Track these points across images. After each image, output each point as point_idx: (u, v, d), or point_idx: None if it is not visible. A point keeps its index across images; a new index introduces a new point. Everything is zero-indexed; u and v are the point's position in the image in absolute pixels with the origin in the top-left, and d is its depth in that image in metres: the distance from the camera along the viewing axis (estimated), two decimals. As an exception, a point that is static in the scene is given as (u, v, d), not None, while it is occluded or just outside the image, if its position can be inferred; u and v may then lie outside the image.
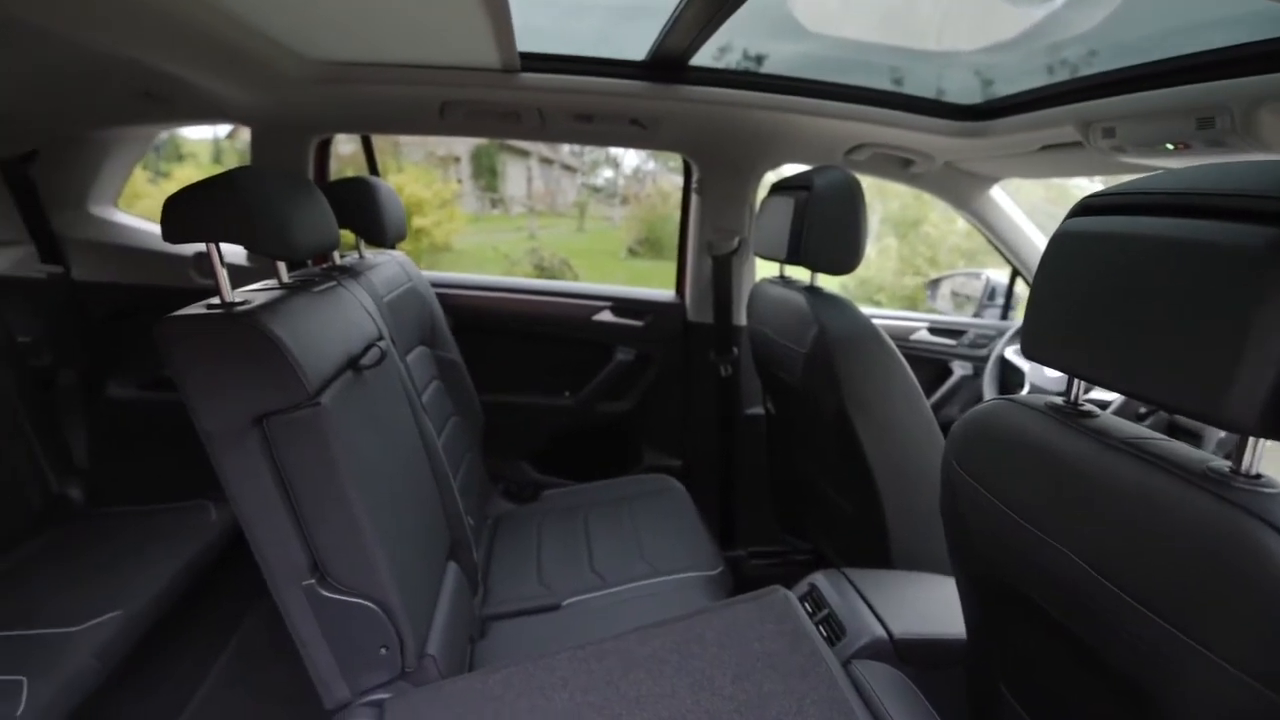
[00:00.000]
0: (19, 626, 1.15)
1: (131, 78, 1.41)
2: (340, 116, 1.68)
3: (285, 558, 0.85)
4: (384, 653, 0.90)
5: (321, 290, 1.04)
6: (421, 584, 1.03)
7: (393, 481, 1.01)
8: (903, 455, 1.12)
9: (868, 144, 1.66)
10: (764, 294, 1.40)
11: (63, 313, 1.74)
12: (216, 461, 0.81)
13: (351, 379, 0.96)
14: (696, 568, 1.29)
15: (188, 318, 0.81)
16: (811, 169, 1.22)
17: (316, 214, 1.01)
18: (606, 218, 9.53)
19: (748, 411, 1.83)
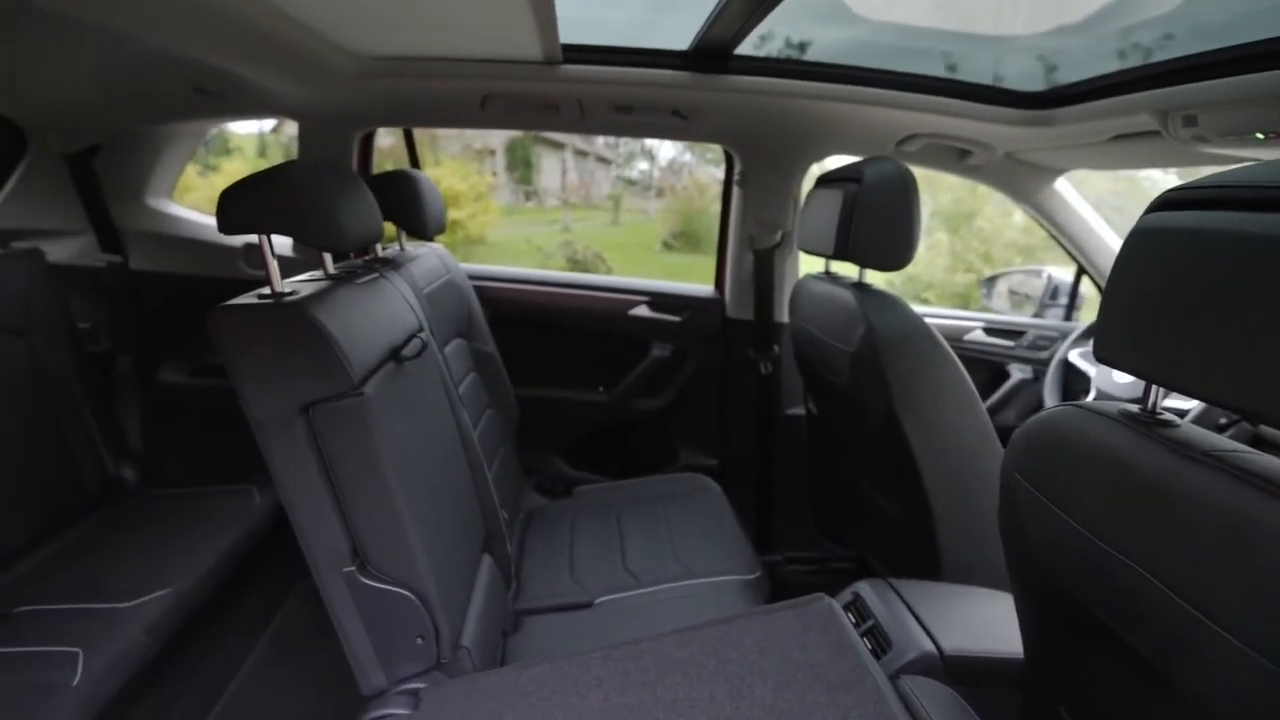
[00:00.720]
0: (76, 600, 1.22)
1: (187, 74, 1.47)
2: (384, 110, 1.72)
3: (327, 544, 0.87)
4: (420, 643, 0.92)
5: (365, 282, 1.07)
6: (457, 576, 1.05)
7: (431, 472, 1.03)
8: (956, 461, 1.08)
9: (921, 134, 1.61)
10: (808, 290, 1.37)
11: (120, 300, 1.83)
12: (264, 448, 0.84)
13: (393, 370, 0.98)
14: (733, 571, 1.28)
15: (240, 307, 0.83)
16: (861, 160, 1.19)
17: (363, 207, 1.03)
18: (641, 211, 9.51)
19: (788, 411, 1.81)
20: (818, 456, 1.59)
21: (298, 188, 0.89)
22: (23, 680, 1.03)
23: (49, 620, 1.17)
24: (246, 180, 0.88)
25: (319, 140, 1.73)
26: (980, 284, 2.17)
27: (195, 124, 1.90)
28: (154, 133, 1.83)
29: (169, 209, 1.95)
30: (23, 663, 1.07)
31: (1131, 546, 0.53)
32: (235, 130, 7.60)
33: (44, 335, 1.51)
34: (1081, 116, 1.36)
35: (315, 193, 0.91)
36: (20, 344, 1.46)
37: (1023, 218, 1.80)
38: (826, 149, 1.71)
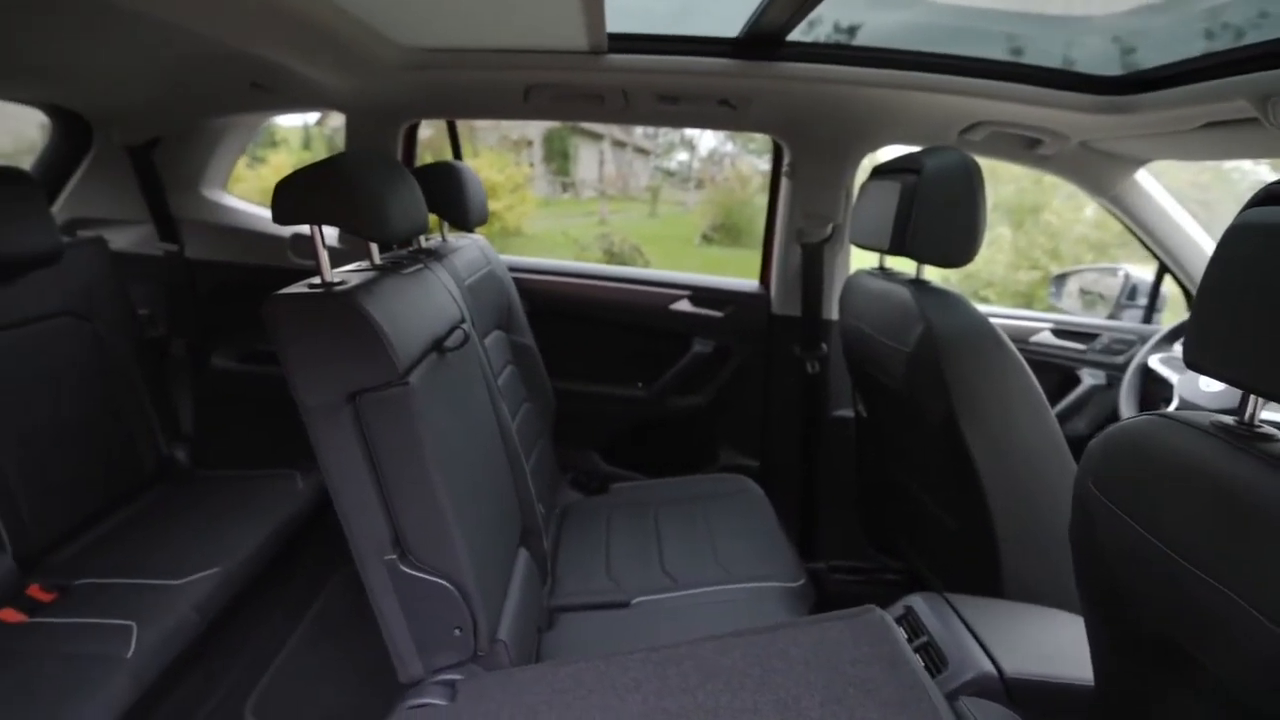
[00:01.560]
0: (131, 575, 1.29)
1: (243, 70, 1.53)
2: (429, 102, 1.75)
3: (370, 531, 0.89)
4: (458, 634, 0.94)
5: (410, 273, 1.09)
6: (495, 568, 1.06)
7: (472, 464, 1.05)
8: (1021, 471, 1.04)
9: (986, 122, 1.54)
10: (861, 286, 1.33)
11: (176, 288, 1.93)
12: (312, 434, 0.87)
13: (436, 360, 1.00)
14: (775, 578, 1.25)
15: (292, 296, 0.86)
16: (921, 150, 1.14)
17: (410, 198, 1.05)
18: (680, 202, 9.47)
19: (835, 413, 1.76)
20: (867, 461, 1.55)
21: (349, 180, 0.91)
22: (81, 650, 1.10)
23: (106, 594, 1.24)
24: (300, 172, 0.91)
25: (365, 132, 1.78)
26: (1049, 282, 2.07)
27: (249, 117, 1.98)
28: (210, 126, 1.91)
29: (223, 199, 2.03)
30: (81, 633, 1.14)
31: (1224, 571, 0.49)
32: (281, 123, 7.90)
33: (107, 320, 1.60)
34: (1168, 103, 1.27)
35: (366, 185, 0.93)
36: (86, 328, 1.55)
37: (1095, 211, 1.72)
38: (882, 139, 1.66)
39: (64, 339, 1.50)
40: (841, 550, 1.75)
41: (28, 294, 1.43)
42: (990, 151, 1.64)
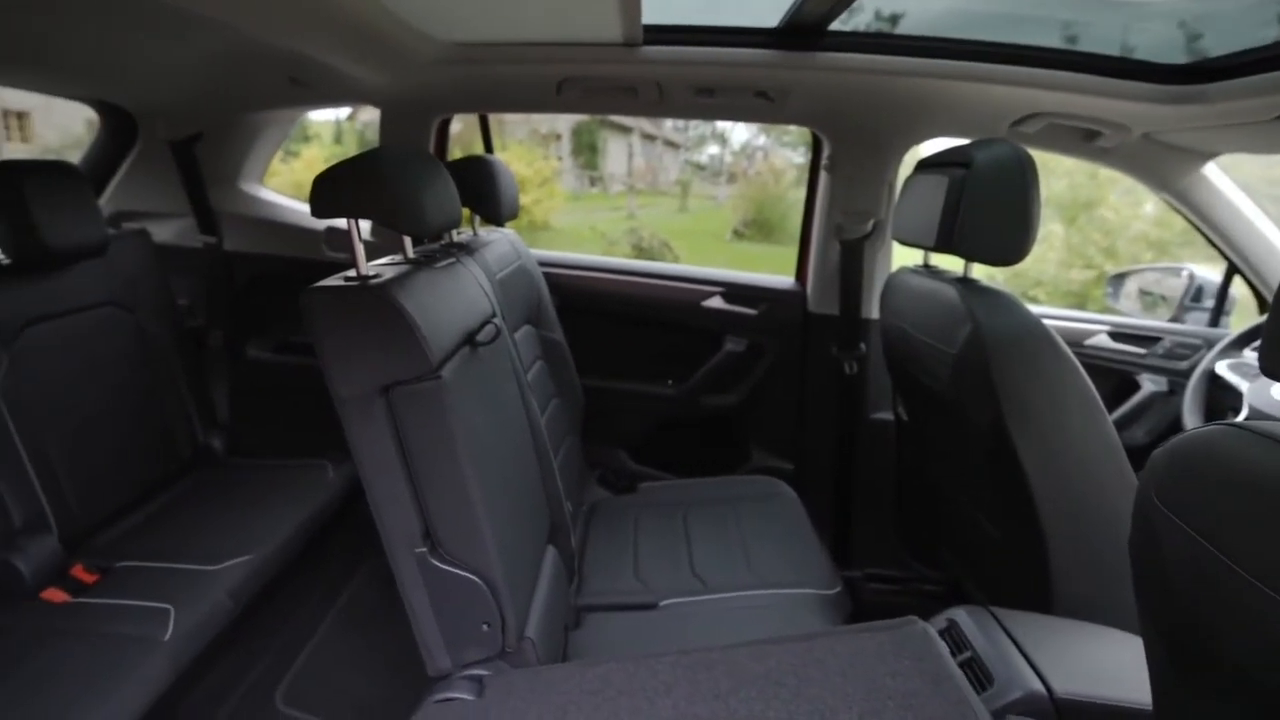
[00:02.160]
0: (169, 560, 1.34)
1: (282, 65, 1.58)
2: (461, 96, 1.77)
3: (401, 523, 0.91)
4: (486, 629, 0.94)
5: (443, 266, 1.10)
6: (524, 565, 1.07)
7: (503, 459, 1.05)
8: (1075, 481, 1.00)
9: (1041, 113, 1.49)
10: (903, 285, 1.30)
11: (215, 279, 1.99)
12: (346, 426, 0.88)
13: (468, 355, 1.01)
14: (810, 584, 1.24)
15: (328, 289, 0.88)
16: (971, 143, 1.11)
17: (445, 192, 1.06)
18: (710, 197, 9.43)
19: (874, 416, 1.73)
20: (907, 466, 1.52)
21: (386, 174, 0.93)
22: (121, 630, 1.14)
23: (145, 577, 1.29)
24: (338, 166, 0.93)
25: (399, 126, 1.81)
26: (1106, 282, 1.99)
27: (286, 113, 2.03)
28: (249, 121, 1.97)
29: (260, 193, 2.09)
30: (121, 614, 1.18)
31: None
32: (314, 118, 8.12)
33: (149, 311, 1.67)
34: (1240, 93, 1.21)
35: (402, 179, 0.94)
36: (129, 318, 1.62)
37: (1155, 207, 1.65)
38: (928, 131, 1.62)
39: (108, 328, 1.56)
40: (877, 558, 1.72)
41: (75, 284, 1.49)
42: (1044, 144, 1.58)
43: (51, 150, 9.90)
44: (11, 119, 10.15)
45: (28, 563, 1.24)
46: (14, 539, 1.26)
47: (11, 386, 1.32)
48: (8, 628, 1.16)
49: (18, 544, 1.25)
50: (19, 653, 1.10)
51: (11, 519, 1.27)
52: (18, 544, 1.25)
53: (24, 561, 1.24)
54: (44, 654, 1.09)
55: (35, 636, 1.13)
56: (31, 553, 1.26)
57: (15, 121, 10.22)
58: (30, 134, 10.14)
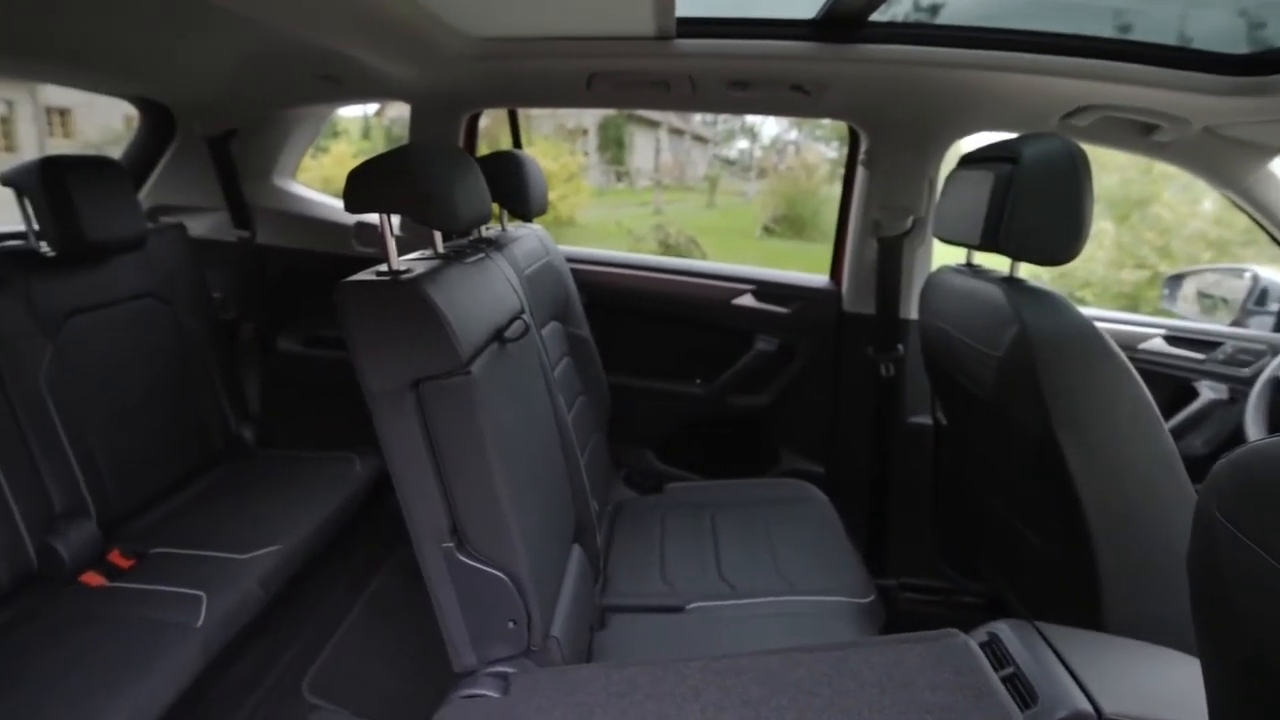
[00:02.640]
0: (201, 547, 1.38)
1: (315, 62, 1.61)
2: (491, 91, 1.78)
3: (428, 518, 0.92)
4: (511, 626, 0.95)
5: (472, 262, 1.11)
6: (550, 563, 1.08)
7: (531, 457, 1.06)
8: (1129, 492, 0.96)
9: (1094, 106, 1.44)
10: (945, 284, 1.27)
11: (247, 273, 2.04)
12: (376, 419, 0.90)
13: (497, 351, 1.02)
14: (842, 592, 1.22)
15: (361, 283, 0.89)
16: (1018, 137, 1.08)
17: (476, 188, 1.08)
18: (740, 193, 9.37)
19: (910, 419, 1.70)
20: (945, 473, 1.49)
21: (419, 169, 0.94)
22: (155, 616, 1.19)
23: (178, 563, 1.34)
24: (372, 162, 0.94)
25: (428, 122, 1.83)
26: (1162, 283, 1.92)
27: (318, 109, 2.08)
28: (283, 117, 2.02)
29: (292, 188, 2.14)
30: (156, 600, 1.23)
31: None
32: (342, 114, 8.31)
33: (185, 303, 1.73)
34: None
35: (435, 175, 0.96)
36: (166, 310, 1.68)
37: (1214, 205, 1.58)
38: (972, 125, 1.58)
39: (146, 320, 1.62)
40: (913, 567, 1.69)
41: (115, 277, 1.56)
42: (1097, 138, 1.53)
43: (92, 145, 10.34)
44: (55, 115, 10.65)
45: (67, 547, 1.30)
46: (54, 523, 1.32)
47: (55, 376, 1.38)
48: (48, 609, 1.22)
49: (58, 528, 1.31)
50: (59, 634, 1.14)
51: (52, 504, 1.33)
52: (58, 528, 1.31)
53: (64, 545, 1.30)
54: (82, 636, 1.14)
55: (74, 619, 1.18)
56: (71, 537, 1.32)
57: (58, 118, 10.72)
58: (73, 130, 10.62)
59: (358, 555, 1.80)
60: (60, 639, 1.13)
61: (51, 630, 1.16)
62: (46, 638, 1.14)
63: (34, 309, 1.37)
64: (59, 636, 1.14)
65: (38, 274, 1.40)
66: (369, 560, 1.82)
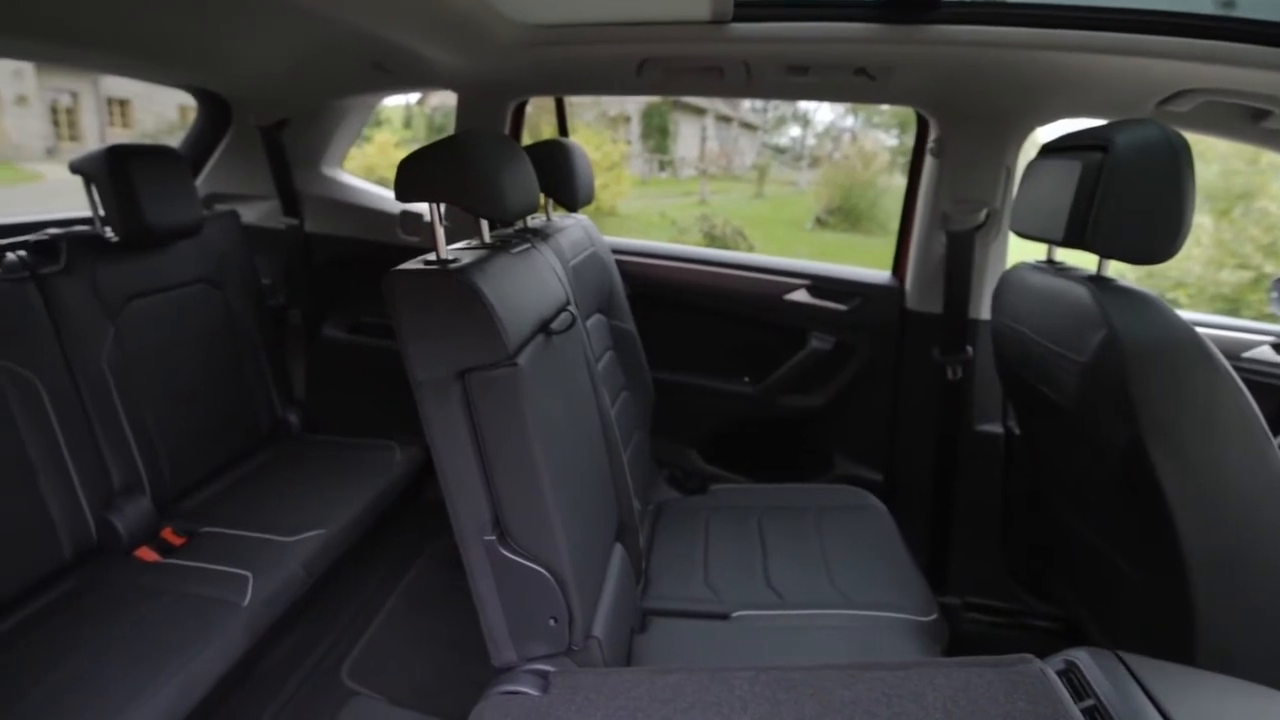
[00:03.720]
0: (248, 528, 1.46)
1: (367, 51, 1.66)
2: (540, 79, 1.80)
3: (471, 509, 0.94)
4: (552, 624, 0.96)
5: (519, 252, 1.13)
6: (592, 561, 1.08)
7: (575, 452, 1.07)
8: (1235, 515, 0.90)
9: (1196, 90, 1.35)
10: (1022, 282, 1.22)
11: (295, 260, 2.13)
12: (422, 409, 0.92)
13: (542, 342, 1.03)
14: (902, 608, 1.19)
15: (409, 272, 0.91)
16: (1108, 124, 1.02)
17: (525, 177, 1.09)
18: (790, 182, 9.23)
19: (979, 428, 1.64)
20: (1017, 486, 1.43)
21: (469, 159, 0.96)
22: (204, 593, 1.26)
23: (226, 543, 1.42)
24: (422, 151, 0.96)
25: (475, 110, 1.87)
26: (1271, 285, 1.79)
27: (368, 98, 2.14)
28: (333, 107, 2.09)
29: (339, 176, 2.22)
30: (205, 578, 1.30)
31: None
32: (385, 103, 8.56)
33: (237, 289, 1.82)
34: None
35: (485, 164, 0.97)
36: (219, 295, 1.77)
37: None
38: (1056, 111, 1.51)
39: (200, 304, 1.72)
40: (978, 586, 1.63)
41: (172, 262, 1.65)
42: (1197, 125, 1.44)
43: (148, 135, 10.97)
44: (115, 106, 11.33)
45: (125, 522, 1.39)
46: (113, 499, 1.41)
47: (116, 357, 1.47)
48: (106, 581, 1.31)
49: (116, 504, 1.41)
50: (116, 606, 1.23)
51: (112, 481, 1.42)
52: (116, 504, 1.41)
53: (121, 521, 1.39)
54: (137, 609, 1.21)
55: (130, 592, 1.27)
56: (128, 513, 1.41)
57: (118, 108, 11.40)
58: (131, 120, 11.27)
59: (395, 543, 1.87)
60: (117, 611, 1.21)
61: (109, 602, 1.24)
62: (104, 609, 1.22)
63: (98, 292, 1.47)
64: (116, 608, 1.22)
65: (103, 258, 1.50)
66: (406, 549, 1.88)
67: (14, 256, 1.37)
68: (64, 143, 10.64)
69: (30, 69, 9.77)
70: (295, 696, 1.43)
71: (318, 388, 2.15)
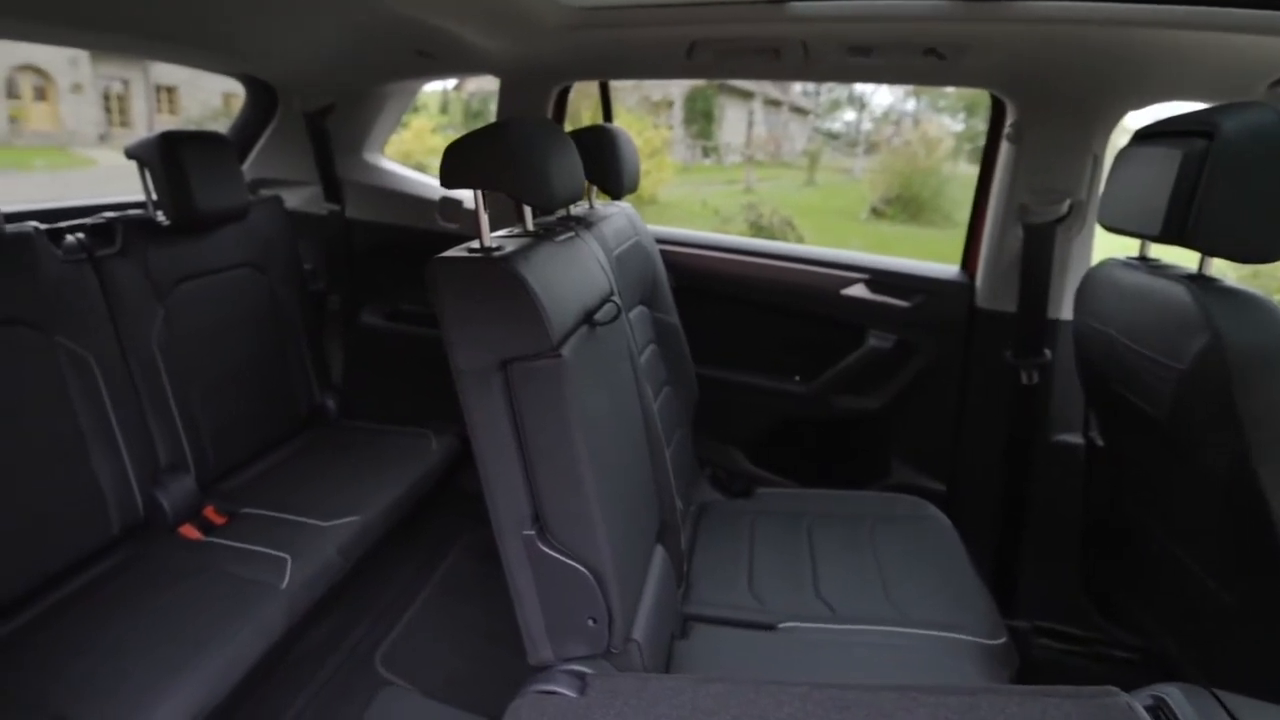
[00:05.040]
0: (286, 511, 1.52)
1: (409, 36, 1.69)
2: (584, 63, 1.81)
3: (511, 502, 0.95)
4: (591, 624, 0.96)
5: (563, 240, 1.13)
6: (633, 561, 1.08)
7: (618, 447, 1.07)
8: None
9: None
10: (1111, 280, 1.16)
11: (336, 245, 2.19)
12: (463, 398, 0.93)
13: (586, 334, 1.03)
14: (966, 629, 1.15)
15: (453, 259, 0.93)
16: (1213, 107, 0.96)
17: (571, 164, 1.09)
18: (844, 170, 9.04)
19: (1057, 438, 1.57)
20: (1099, 502, 1.36)
21: (516, 145, 0.96)
22: (244, 573, 1.31)
23: (266, 524, 1.48)
24: (468, 137, 0.97)
25: (518, 96, 1.88)
26: None
27: (410, 84, 2.19)
28: (377, 93, 2.14)
29: (380, 163, 2.27)
30: (245, 558, 1.36)
31: None
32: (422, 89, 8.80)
33: (280, 273, 1.89)
34: None
35: (532, 150, 0.98)
36: (263, 280, 1.84)
37: None
38: (1150, 94, 1.42)
39: (244, 288, 1.79)
40: (1051, 609, 1.57)
41: (219, 246, 1.72)
42: None
43: (193, 121, 11.48)
44: (163, 93, 11.91)
45: (170, 499, 1.47)
46: (159, 477, 1.49)
47: (165, 338, 1.54)
48: (151, 556, 1.39)
49: (162, 482, 1.48)
50: (160, 582, 1.30)
51: (158, 458, 1.50)
52: (162, 482, 1.48)
53: (167, 498, 1.47)
54: (180, 586, 1.28)
55: (173, 569, 1.34)
56: (173, 490, 1.49)
57: (165, 95, 11.97)
58: (178, 106, 11.82)
59: (430, 533, 1.92)
60: (161, 587, 1.28)
61: (153, 578, 1.32)
62: (149, 584, 1.30)
63: (150, 274, 1.54)
64: (160, 585, 1.29)
65: (154, 241, 1.58)
66: (441, 539, 1.93)
67: (73, 239, 1.45)
68: (115, 129, 11.22)
69: (85, 57, 10.36)
70: (330, 682, 1.48)
71: (354, 373, 2.22)
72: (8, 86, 10.23)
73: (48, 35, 1.59)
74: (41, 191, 6.50)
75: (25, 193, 1.91)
